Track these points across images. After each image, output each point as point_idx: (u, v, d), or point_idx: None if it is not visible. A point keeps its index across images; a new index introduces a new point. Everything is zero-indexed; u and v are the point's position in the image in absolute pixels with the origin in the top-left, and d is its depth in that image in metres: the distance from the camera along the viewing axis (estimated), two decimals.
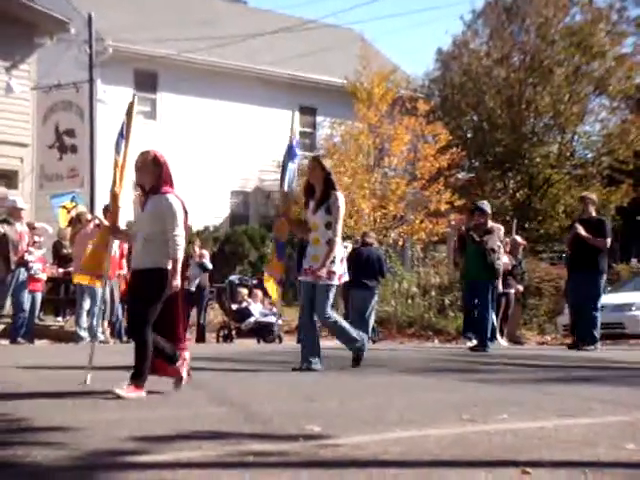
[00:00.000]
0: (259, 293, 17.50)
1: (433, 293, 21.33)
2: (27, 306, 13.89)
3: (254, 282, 18.10)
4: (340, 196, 8.69)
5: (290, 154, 9.85)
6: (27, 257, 14.05)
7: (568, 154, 30.75)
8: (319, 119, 29.24)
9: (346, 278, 8.88)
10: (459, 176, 28.61)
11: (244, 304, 17.05)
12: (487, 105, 29.52)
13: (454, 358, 11.49)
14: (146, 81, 26.10)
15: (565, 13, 29.96)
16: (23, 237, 13.82)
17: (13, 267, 13.46)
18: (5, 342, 13.56)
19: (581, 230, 13.28)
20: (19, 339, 13.73)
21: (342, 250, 8.81)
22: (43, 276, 15.03)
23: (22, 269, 13.70)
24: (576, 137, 31.12)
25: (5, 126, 19.95)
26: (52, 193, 21.35)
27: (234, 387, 7.50)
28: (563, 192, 30.00)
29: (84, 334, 13.93)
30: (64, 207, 19.45)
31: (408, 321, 20.08)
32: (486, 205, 13.52)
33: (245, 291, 17.32)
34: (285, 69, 27.27)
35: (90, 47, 22.21)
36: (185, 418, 5.52)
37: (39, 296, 14.89)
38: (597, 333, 13.48)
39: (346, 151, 25.01)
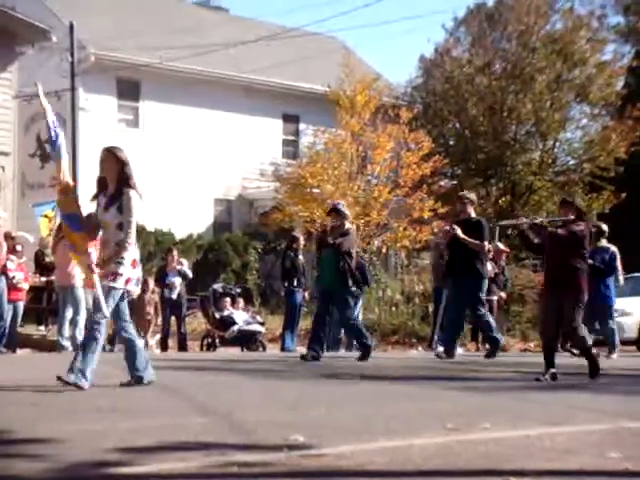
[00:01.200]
0: (242, 301, 17.49)
1: (417, 300, 21.34)
2: (8, 315, 13.81)
3: (238, 290, 18.08)
4: (134, 195, 7.64)
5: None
6: (8, 265, 13.97)
7: (550, 161, 30.86)
8: (302, 127, 29.26)
9: (134, 286, 7.77)
10: (442, 183, 28.65)
11: (227, 312, 17.01)
12: (469, 113, 29.59)
13: (438, 366, 11.49)
14: (129, 89, 26.05)
15: (546, 21, 30.08)
16: (2, 245, 13.72)
17: None
18: None
19: (459, 232, 12.43)
20: (0, 348, 13.66)
21: (135, 252, 7.71)
22: (25, 285, 14.95)
23: (2, 277, 13.61)
24: (558, 144, 31.23)
25: None
26: (34, 202, 21.25)
27: (218, 396, 7.47)
28: (546, 199, 30.11)
29: (66, 343, 13.86)
30: (45, 216, 19.36)
31: (392, 329, 20.08)
32: (343, 207, 12.37)
33: (228, 299, 17.29)
34: (268, 77, 27.28)
35: (72, 55, 22.15)
36: (169, 428, 5.49)
37: (21, 305, 14.83)
38: (496, 333, 12.92)
39: (329, 159, 25.01)
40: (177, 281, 16.49)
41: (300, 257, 16.11)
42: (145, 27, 26.33)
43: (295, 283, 15.95)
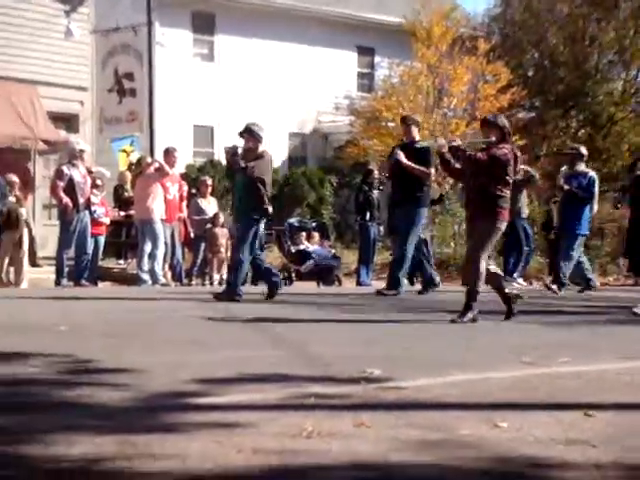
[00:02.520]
0: (317, 235, 17.53)
1: None
2: (90, 249, 14.06)
3: (313, 224, 18.12)
4: None
5: None
6: (92, 199, 14.18)
7: (633, 91, 30.06)
8: (377, 59, 28.90)
9: None
10: (520, 116, 28.15)
11: (303, 246, 17.08)
12: (549, 42, 28.93)
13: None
14: (204, 23, 26.00)
15: None
16: (87, 179, 13.91)
17: (80, 210, 13.57)
18: (70, 284, 13.76)
19: (401, 157, 11.18)
20: (83, 281, 13.94)
21: None
22: (106, 220, 15.20)
23: (86, 212, 13.82)
24: None
25: (65, 70, 20.06)
26: (112, 137, 21.52)
27: (294, 330, 7.54)
28: (627, 130, 29.39)
29: (146, 277, 14.09)
30: (124, 151, 19.63)
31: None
32: (257, 127, 11.05)
33: (304, 234, 17.34)
34: (343, 8, 26.95)
35: None
36: (245, 360, 5.57)
37: (102, 239, 15.08)
38: (402, 275, 11.62)
39: (405, 92, 24.73)
40: None
41: (375, 191, 16.03)
42: None
43: (369, 217, 15.90)
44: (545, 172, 20.86)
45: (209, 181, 16.84)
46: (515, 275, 14.58)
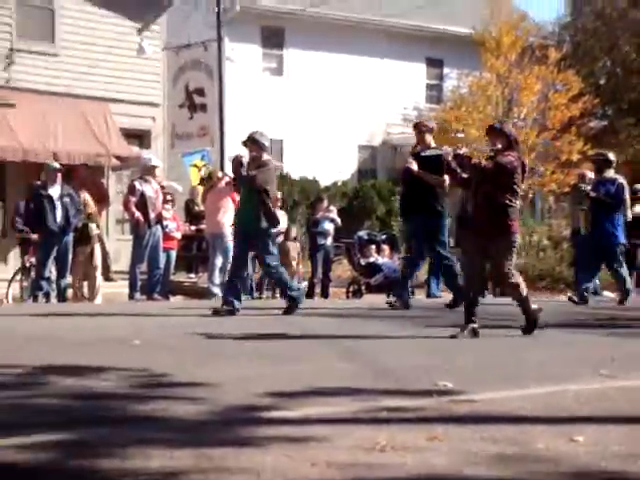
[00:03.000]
0: (387, 248, 17.48)
1: (565, 245, 20.86)
2: (162, 263, 14.22)
3: (383, 237, 18.07)
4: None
5: None
6: (164, 214, 14.37)
7: None
8: (446, 70, 28.80)
9: None
10: (591, 125, 27.78)
11: (373, 259, 17.05)
12: (622, 49, 28.53)
13: (587, 312, 11.23)
14: (273, 37, 26.21)
15: None
16: (159, 194, 14.10)
17: (152, 224, 13.76)
18: (142, 298, 13.93)
19: (414, 166, 10.73)
20: (155, 295, 14.10)
21: None
22: (178, 235, 15.37)
23: (158, 227, 14.01)
24: None
25: (137, 86, 20.39)
26: (183, 152, 21.78)
27: (364, 342, 7.52)
28: None
29: (216, 290, 14.20)
30: (195, 165, 19.85)
31: (539, 274, 19.73)
32: (260, 135, 10.37)
33: (374, 246, 17.32)
34: (411, 20, 26.91)
35: (218, 5, 22.38)
36: (316, 374, 5.57)
37: (173, 254, 15.23)
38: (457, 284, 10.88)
39: (474, 102, 24.59)
40: (330, 228, 16.73)
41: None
42: None
43: None
44: None
45: (279, 194, 16.92)
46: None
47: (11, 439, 3.70)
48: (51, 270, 13.42)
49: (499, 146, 7.93)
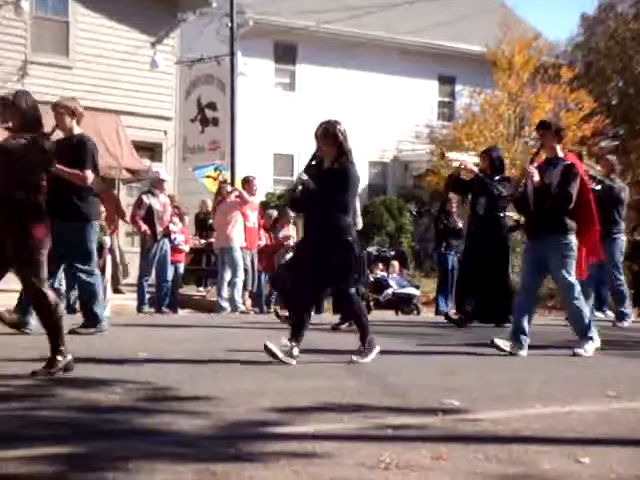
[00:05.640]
0: (396, 264, 17.48)
1: None
2: (170, 276, 14.25)
3: (392, 253, 18.09)
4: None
5: None
6: (171, 227, 14.40)
7: None
8: (458, 88, 28.83)
9: None
10: (603, 144, 27.75)
11: (382, 275, 17.06)
12: (634, 70, 28.52)
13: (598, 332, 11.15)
14: (285, 53, 26.30)
15: None
16: (166, 208, 14.15)
17: (158, 237, 13.80)
18: (151, 310, 13.95)
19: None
20: (163, 308, 14.12)
21: None
22: (186, 247, 15.39)
23: (166, 240, 14.04)
24: None
25: (150, 99, 20.49)
26: (194, 165, 21.84)
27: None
28: None
29: (225, 304, 14.20)
30: (209, 176, 19.86)
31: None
32: None
33: (383, 262, 17.32)
34: (423, 38, 26.97)
35: (231, 20, 22.46)
36: (323, 389, 5.56)
37: (182, 267, 15.26)
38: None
39: (485, 121, 24.60)
40: None
41: (453, 219, 15.90)
42: None
43: (445, 246, 15.77)
44: (632, 201, 20.47)
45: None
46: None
47: (16, 451, 3.71)
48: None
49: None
